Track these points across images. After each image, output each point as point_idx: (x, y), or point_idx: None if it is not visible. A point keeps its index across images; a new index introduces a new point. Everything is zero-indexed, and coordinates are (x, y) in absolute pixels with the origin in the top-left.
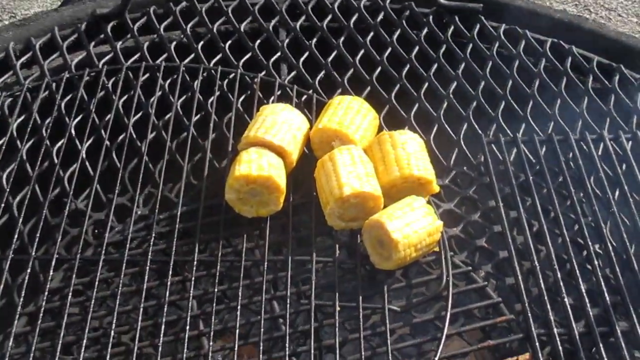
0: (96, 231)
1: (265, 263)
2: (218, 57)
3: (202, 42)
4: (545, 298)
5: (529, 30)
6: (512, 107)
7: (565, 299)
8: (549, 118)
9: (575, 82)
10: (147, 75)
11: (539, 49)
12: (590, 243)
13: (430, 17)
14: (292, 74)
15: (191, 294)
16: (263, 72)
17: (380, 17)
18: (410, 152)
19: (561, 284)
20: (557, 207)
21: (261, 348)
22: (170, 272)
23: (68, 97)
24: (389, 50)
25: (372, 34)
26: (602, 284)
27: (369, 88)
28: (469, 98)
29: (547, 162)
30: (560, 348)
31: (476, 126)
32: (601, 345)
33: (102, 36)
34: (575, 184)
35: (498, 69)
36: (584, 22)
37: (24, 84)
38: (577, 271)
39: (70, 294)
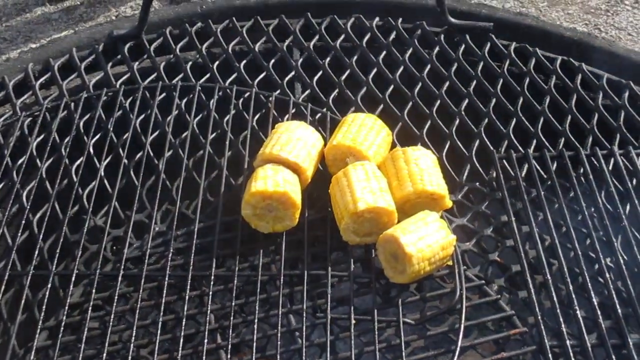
0: (115, 247)
1: (282, 277)
2: (233, 76)
3: (217, 62)
4: (558, 311)
5: (539, 48)
6: (523, 124)
7: (578, 312)
8: (559, 134)
9: (586, 98)
10: (163, 94)
11: (549, 66)
12: (601, 256)
13: (442, 36)
14: (306, 92)
15: (209, 308)
16: (278, 91)
17: (393, 36)
18: (423, 167)
19: (573, 296)
20: (569, 221)
21: None
22: (188, 287)
23: (86, 117)
24: (401, 68)
25: (384, 52)
26: (614, 296)
27: (382, 106)
28: (481, 115)
29: (558, 178)
30: None
31: (488, 142)
32: (613, 357)
33: (119, 57)
34: (586, 199)
35: (509, 86)
36: (593, 39)
37: (43, 104)
38: (589, 284)
39: (90, 308)
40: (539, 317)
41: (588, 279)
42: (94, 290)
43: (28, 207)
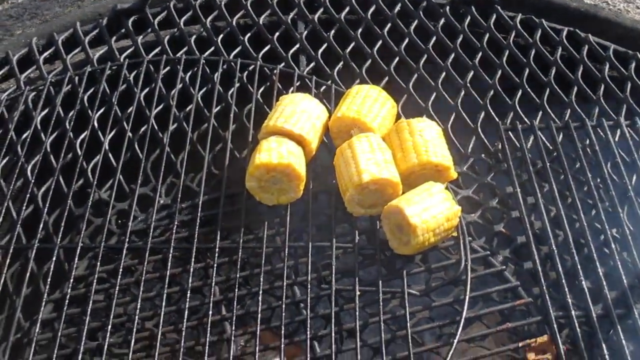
0: (120, 221)
1: (286, 249)
2: (237, 49)
3: (221, 35)
4: (564, 281)
5: (545, 20)
6: (529, 95)
7: (583, 282)
8: (565, 105)
9: (592, 69)
10: (167, 68)
11: (555, 37)
12: (607, 227)
13: (447, 8)
14: (311, 65)
15: (213, 281)
16: (282, 64)
17: (398, 8)
18: (428, 139)
19: (579, 267)
20: (575, 192)
21: (283, 332)
22: (193, 259)
23: (90, 91)
24: (407, 40)
25: (389, 25)
26: (620, 267)
27: (387, 78)
28: (486, 87)
29: (564, 149)
30: (578, 330)
31: (493, 114)
32: (619, 326)
33: (123, 31)
34: (592, 170)
35: (515, 57)
36: (599, 11)
37: (47, 78)
38: (595, 255)
39: (95, 281)
40: (544, 288)
41: (594, 249)
42: (98, 263)
43: (33, 181)
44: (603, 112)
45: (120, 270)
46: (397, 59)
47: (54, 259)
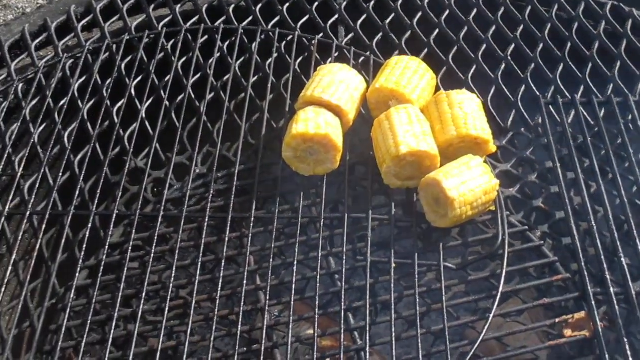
0: (155, 189)
1: (322, 220)
2: (276, 19)
3: (260, 5)
4: (602, 258)
5: None
6: (571, 69)
7: (623, 259)
8: (608, 80)
9: (636, 44)
10: (205, 37)
11: (598, 11)
12: None
13: None
14: (350, 36)
15: (248, 250)
16: (321, 34)
17: None
18: (468, 111)
19: (618, 244)
20: (616, 168)
21: (317, 303)
22: (228, 229)
23: (128, 59)
24: (447, 12)
25: None
26: None
27: (426, 50)
28: (528, 60)
29: (605, 124)
30: (617, 307)
31: (534, 88)
32: None
33: None
34: (634, 146)
35: (557, 31)
36: None
37: (85, 46)
38: (635, 232)
39: (130, 249)
40: (583, 264)
41: (634, 226)
42: (134, 231)
43: (69, 148)
44: None
45: (156, 238)
46: (437, 30)
47: (89, 226)
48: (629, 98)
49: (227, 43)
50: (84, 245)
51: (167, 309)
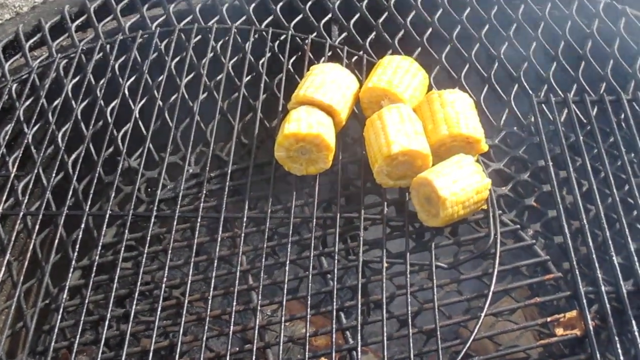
0: (149, 189)
1: (314, 220)
2: (269, 18)
3: (253, 4)
4: (594, 256)
5: None
6: (564, 68)
7: (614, 258)
8: (601, 78)
9: (629, 42)
10: (199, 37)
11: (592, 9)
12: None
13: None
14: (343, 35)
15: (241, 250)
16: (314, 34)
17: None
18: (459, 110)
19: (610, 242)
20: (608, 166)
21: (309, 303)
22: (221, 229)
23: (122, 59)
24: (440, 11)
25: None
26: None
27: (419, 49)
28: (521, 58)
29: (598, 123)
30: (607, 306)
31: (527, 86)
32: None
33: None
34: (626, 145)
35: (550, 29)
36: None
37: (78, 46)
38: (627, 230)
39: (123, 249)
40: (574, 263)
41: (626, 225)
42: (127, 231)
43: (63, 148)
44: (639, 85)
45: (149, 238)
46: (430, 29)
47: (82, 226)
48: (621, 96)
49: (220, 42)
50: (77, 246)
51: (159, 308)
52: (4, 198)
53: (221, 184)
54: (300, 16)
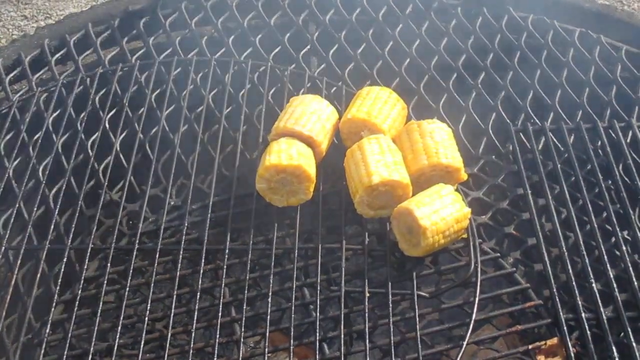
0: (130, 222)
1: (296, 251)
2: (249, 50)
3: (232, 36)
4: (574, 283)
5: (557, 21)
6: (541, 96)
7: (594, 284)
8: (577, 107)
9: (604, 71)
10: (179, 69)
11: (567, 38)
12: (618, 230)
13: (459, 9)
14: (322, 66)
15: (223, 282)
16: (293, 65)
17: (409, 9)
18: (438, 140)
19: (589, 269)
20: (585, 194)
21: (292, 334)
22: (203, 261)
23: (102, 92)
24: (418, 41)
25: (401, 26)
26: (631, 269)
27: (398, 79)
28: (498, 88)
29: (575, 150)
30: (588, 332)
31: (504, 115)
32: (629, 329)
33: (134, 32)
34: (603, 172)
35: (526, 58)
36: (612, 11)
37: (59, 79)
38: (605, 257)
39: (106, 282)
40: (554, 290)
41: (604, 252)
42: (109, 264)
43: (44, 182)
44: (615, 113)
45: (131, 271)
46: (408, 60)
47: (64, 260)
48: (597, 124)
49: (200, 75)
50: (60, 280)
51: (143, 342)
52: None
53: (203, 216)
54: (279, 48)
